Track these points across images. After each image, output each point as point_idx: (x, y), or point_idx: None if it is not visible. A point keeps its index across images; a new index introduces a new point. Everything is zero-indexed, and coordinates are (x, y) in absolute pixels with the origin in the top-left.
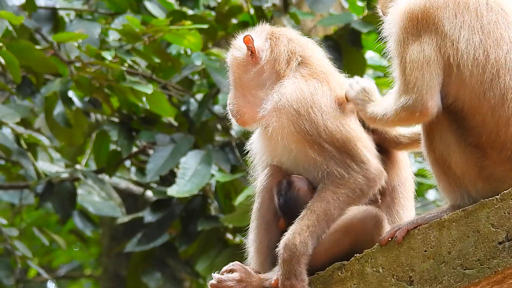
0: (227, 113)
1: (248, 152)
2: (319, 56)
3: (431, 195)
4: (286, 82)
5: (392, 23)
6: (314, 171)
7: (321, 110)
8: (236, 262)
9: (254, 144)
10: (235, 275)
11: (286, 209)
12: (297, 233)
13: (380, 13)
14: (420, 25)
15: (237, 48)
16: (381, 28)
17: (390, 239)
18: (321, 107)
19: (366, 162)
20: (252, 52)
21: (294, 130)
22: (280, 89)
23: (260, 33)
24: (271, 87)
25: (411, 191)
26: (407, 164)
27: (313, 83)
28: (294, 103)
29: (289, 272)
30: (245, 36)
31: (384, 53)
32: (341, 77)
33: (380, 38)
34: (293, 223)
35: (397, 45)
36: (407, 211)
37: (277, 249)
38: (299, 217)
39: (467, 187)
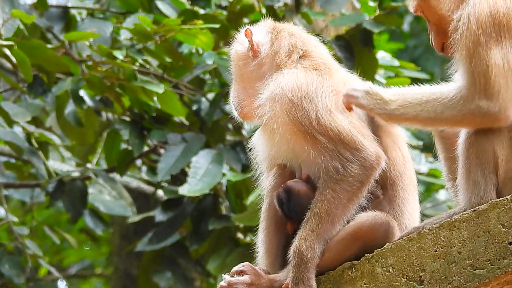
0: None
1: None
2: (322, 51)
3: (442, 195)
4: (286, 72)
5: (470, 24)
6: (311, 166)
7: (315, 101)
8: (247, 263)
9: (256, 141)
10: (246, 278)
11: (293, 215)
12: (303, 239)
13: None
14: (503, 30)
15: (239, 42)
16: (393, 27)
17: None
18: (315, 98)
19: (361, 149)
20: (252, 45)
21: (288, 119)
22: (278, 78)
23: (262, 28)
24: (270, 78)
25: (412, 184)
26: (408, 157)
27: (312, 74)
28: (288, 92)
29: (298, 277)
30: (246, 30)
31: (396, 53)
32: (346, 73)
33: (392, 38)
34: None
35: (475, 46)
36: (409, 204)
37: (286, 250)
38: (304, 220)
39: (508, 188)
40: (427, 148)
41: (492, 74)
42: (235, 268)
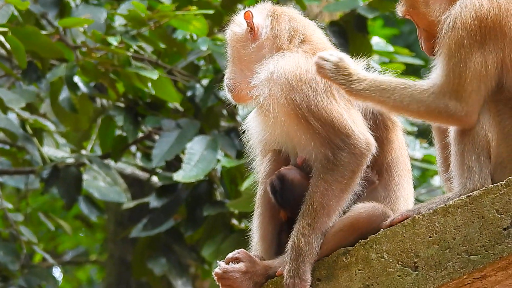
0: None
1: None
2: (321, 36)
3: (436, 181)
4: (287, 54)
5: (456, 26)
6: (303, 152)
7: (315, 86)
8: (242, 250)
9: (250, 123)
10: (241, 266)
11: (285, 203)
12: (300, 234)
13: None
14: (488, 33)
15: (237, 23)
16: (388, 14)
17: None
18: (315, 84)
19: (350, 135)
20: (251, 28)
21: (285, 102)
22: (278, 59)
23: (261, 10)
24: (270, 59)
25: (407, 169)
26: (401, 142)
27: (312, 59)
28: (289, 76)
29: (293, 270)
30: (245, 12)
31: (390, 39)
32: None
33: (386, 24)
34: (295, 212)
35: (458, 47)
36: (404, 189)
37: (281, 236)
38: (300, 213)
39: (498, 173)
40: (422, 134)
41: (468, 77)
42: (230, 255)
